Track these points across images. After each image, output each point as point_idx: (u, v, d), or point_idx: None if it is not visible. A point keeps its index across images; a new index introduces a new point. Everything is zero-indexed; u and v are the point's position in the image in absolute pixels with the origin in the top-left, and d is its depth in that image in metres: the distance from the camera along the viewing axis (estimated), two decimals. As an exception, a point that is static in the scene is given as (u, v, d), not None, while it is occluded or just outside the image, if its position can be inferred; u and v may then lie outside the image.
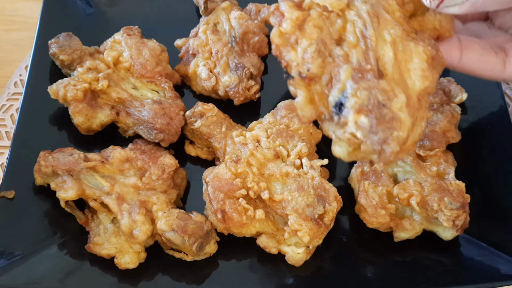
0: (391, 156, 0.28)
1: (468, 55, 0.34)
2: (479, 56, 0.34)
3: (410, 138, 0.29)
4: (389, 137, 0.27)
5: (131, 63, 0.53)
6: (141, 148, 0.50)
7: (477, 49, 0.35)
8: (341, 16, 0.30)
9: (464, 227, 0.45)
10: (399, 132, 0.27)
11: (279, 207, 0.45)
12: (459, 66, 0.35)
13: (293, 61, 0.29)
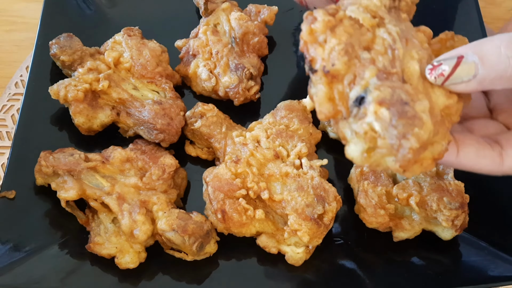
0: (409, 153, 0.26)
1: (465, 150, 0.33)
2: (475, 151, 0.33)
3: (429, 151, 0.28)
4: (410, 132, 0.26)
5: (132, 63, 0.53)
6: (142, 148, 0.50)
7: (472, 143, 0.33)
8: (371, 31, 0.30)
9: (463, 227, 0.45)
10: (420, 130, 0.26)
11: (279, 207, 0.45)
12: (457, 162, 0.33)
13: (319, 55, 0.29)
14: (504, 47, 0.28)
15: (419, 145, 0.27)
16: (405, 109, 0.26)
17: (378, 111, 0.27)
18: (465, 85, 0.29)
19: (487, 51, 0.29)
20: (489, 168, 0.33)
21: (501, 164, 0.33)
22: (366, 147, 0.28)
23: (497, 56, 0.28)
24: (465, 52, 0.29)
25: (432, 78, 0.30)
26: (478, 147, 0.33)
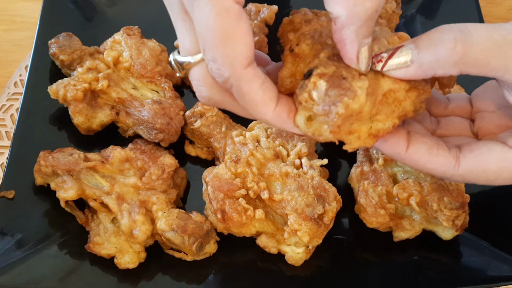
0: (335, 118, 0.29)
1: (417, 145, 0.33)
2: (428, 149, 0.33)
3: (366, 125, 0.31)
4: (340, 99, 0.29)
5: (131, 63, 0.53)
6: (141, 148, 0.50)
7: (426, 142, 0.33)
8: None
9: (463, 227, 0.45)
10: (350, 99, 0.29)
11: (279, 207, 0.45)
12: (407, 156, 0.33)
13: (290, 39, 0.33)
14: (439, 32, 0.29)
15: (347, 113, 0.29)
16: (341, 82, 0.29)
17: (317, 81, 0.29)
18: (404, 71, 0.30)
19: (424, 38, 0.30)
20: (442, 168, 0.33)
21: (456, 166, 0.33)
22: (307, 115, 0.31)
23: (430, 39, 0.29)
24: (405, 42, 0.30)
25: (371, 66, 0.31)
26: (431, 146, 0.33)
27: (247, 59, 0.29)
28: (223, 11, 0.28)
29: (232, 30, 0.28)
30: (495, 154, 0.32)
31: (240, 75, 0.30)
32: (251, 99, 0.31)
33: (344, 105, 0.29)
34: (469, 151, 0.32)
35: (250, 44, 0.29)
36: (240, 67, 0.30)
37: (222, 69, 0.29)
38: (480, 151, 0.32)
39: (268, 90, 0.31)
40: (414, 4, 0.66)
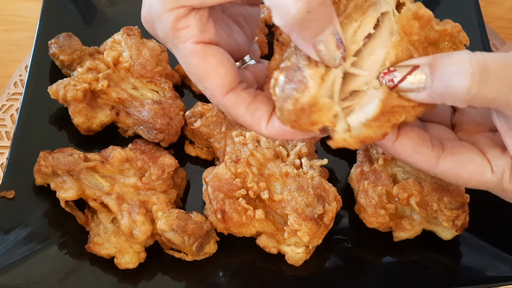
0: (287, 115, 0.29)
1: (403, 140, 0.33)
2: (413, 145, 0.33)
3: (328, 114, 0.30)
4: (289, 96, 0.29)
5: (131, 63, 0.53)
6: (141, 148, 0.50)
7: (413, 137, 0.33)
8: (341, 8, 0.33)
9: (463, 227, 0.45)
10: (299, 94, 0.29)
11: (279, 207, 0.45)
12: (392, 149, 0.34)
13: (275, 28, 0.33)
14: (456, 64, 0.29)
15: (297, 107, 0.29)
16: (295, 74, 0.29)
17: (278, 77, 0.30)
18: (414, 95, 0.30)
19: (440, 65, 0.29)
20: (421, 164, 0.34)
21: (435, 165, 0.33)
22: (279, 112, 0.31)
23: (446, 71, 0.29)
24: (421, 62, 0.30)
25: (383, 81, 0.30)
26: (417, 143, 0.33)
27: (224, 88, 0.33)
28: (187, 53, 0.33)
29: (201, 68, 0.33)
30: (473, 165, 0.33)
31: (223, 103, 0.33)
32: (242, 121, 0.34)
33: (292, 101, 0.29)
34: (451, 154, 0.33)
35: (224, 74, 0.33)
36: (220, 96, 0.33)
37: (210, 99, 0.34)
38: (461, 158, 0.33)
39: (256, 110, 0.33)
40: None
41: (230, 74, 0.33)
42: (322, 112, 0.30)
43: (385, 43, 0.31)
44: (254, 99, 0.33)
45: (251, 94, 0.34)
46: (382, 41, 0.31)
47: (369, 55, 0.31)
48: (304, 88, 0.29)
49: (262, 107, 0.33)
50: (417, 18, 0.31)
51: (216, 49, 0.33)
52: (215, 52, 0.33)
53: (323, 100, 0.29)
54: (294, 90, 0.29)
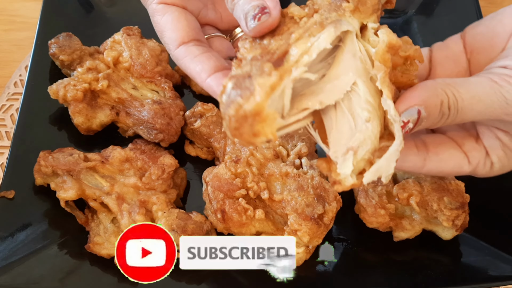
0: (228, 121, 0.29)
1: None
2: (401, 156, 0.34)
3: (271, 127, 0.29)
4: (232, 101, 0.28)
5: (131, 63, 0.53)
6: (141, 148, 0.50)
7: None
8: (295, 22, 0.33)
9: (463, 227, 0.45)
10: (243, 101, 0.28)
11: (279, 207, 0.45)
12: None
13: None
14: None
15: (240, 114, 0.28)
16: (244, 81, 0.28)
17: (226, 83, 0.30)
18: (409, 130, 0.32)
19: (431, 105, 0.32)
20: (411, 169, 0.36)
21: (421, 168, 0.36)
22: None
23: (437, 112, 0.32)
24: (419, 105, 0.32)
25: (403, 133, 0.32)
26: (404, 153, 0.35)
27: (176, 41, 0.38)
28: (152, 12, 0.40)
29: (159, 23, 0.39)
30: (454, 161, 0.36)
31: (174, 55, 0.39)
32: (188, 72, 0.38)
33: (235, 107, 0.28)
34: (435, 154, 0.36)
35: (177, 28, 0.38)
36: (172, 49, 0.39)
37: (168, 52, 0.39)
38: (444, 157, 0.36)
39: (201, 63, 0.37)
40: (414, 4, 0.66)
41: (183, 30, 0.38)
42: (266, 123, 0.28)
43: (349, 67, 0.31)
44: (201, 54, 0.37)
45: (200, 49, 0.38)
46: (346, 65, 0.31)
47: (334, 79, 0.31)
48: (250, 95, 0.28)
49: (206, 61, 0.37)
50: (390, 50, 0.31)
51: (175, 9, 0.39)
52: (173, 11, 0.39)
53: (268, 110, 0.28)
54: (239, 96, 0.28)
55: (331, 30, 0.30)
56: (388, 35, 0.31)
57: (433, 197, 0.44)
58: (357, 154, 0.31)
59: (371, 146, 0.31)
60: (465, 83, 0.32)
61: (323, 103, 0.31)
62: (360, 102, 0.31)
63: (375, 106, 0.31)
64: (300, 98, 0.31)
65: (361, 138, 0.31)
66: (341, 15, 0.31)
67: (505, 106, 0.32)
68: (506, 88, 0.31)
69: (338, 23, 0.31)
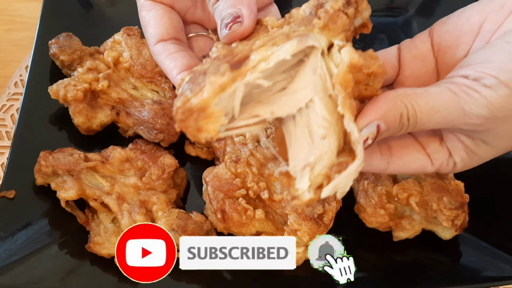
0: (175, 112, 0.30)
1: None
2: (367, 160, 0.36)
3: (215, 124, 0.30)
4: (182, 93, 0.29)
5: (131, 63, 0.53)
6: (141, 148, 0.50)
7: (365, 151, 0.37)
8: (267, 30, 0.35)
9: (463, 227, 0.45)
10: (192, 95, 0.29)
11: (279, 206, 0.45)
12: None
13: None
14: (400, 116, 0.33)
15: (186, 107, 0.29)
16: (198, 77, 0.29)
17: (184, 77, 0.31)
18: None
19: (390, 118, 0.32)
20: (375, 172, 0.38)
21: (385, 170, 0.37)
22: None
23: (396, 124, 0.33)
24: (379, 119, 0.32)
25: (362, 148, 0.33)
26: (367, 157, 0.36)
27: (156, 37, 0.40)
28: (139, 7, 0.43)
29: (144, 18, 0.42)
30: (417, 164, 0.37)
31: (152, 50, 0.41)
32: (162, 68, 0.40)
33: (183, 99, 0.29)
34: (398, 158, 0.37)
35: (158, 25, 0.40)
36: (152, 44, 0.41)
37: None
38: (407, 160, 0.36)
39: (174, 60, 0.39)
40: (414, 4, 0.66)
41: (164, 28, 0.40)
42: (210, 120, 0.29)
43: (308, 83, 0.31)
44: (176, 52, 0.39)
45: (176, 48, 0.40)
46: (306, 81, 0.31)
47: (291, 93, 0.31)
48: (199, 91, 0.29)
49: (180, 59, 0.39)
50: (352, 69, 0.32)
51: (161, 7, 0.41)
52: (159, 8, 0.41)
53: (213, 108, 0.29)
54: (189, 89, 0.29)
55: (294, 43, 0.31)
56: (350, 54, 0.31)
57: (433, 197, 0.44)
58: (314, 170, 0.31)
59: (328, 161, 0.31)
60: (424, 94, 0.33)
61: (274, 114, 0.31)
62: (317, 119, 0.31)
63: (333, 122, 0.32)
64: (255, 104, 0.31)
65: (317, 154, 0.31)
66: (309, 30, 0.32)
67: (463, 117, 0.32)
68: (465, 100, 0.32)
69: (304, 37, 0.31)
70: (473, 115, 0.32)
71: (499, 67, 0.31)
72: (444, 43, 0.38)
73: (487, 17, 0.35)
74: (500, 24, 0.35)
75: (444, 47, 0.38)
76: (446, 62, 0.38)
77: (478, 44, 0.36)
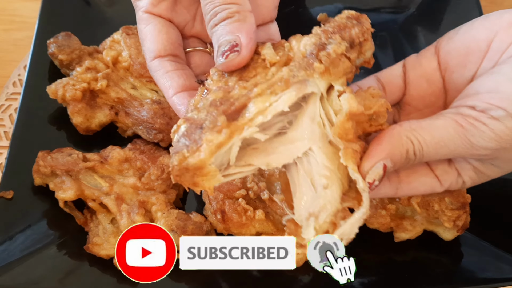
0: (172, 168, 0.29)
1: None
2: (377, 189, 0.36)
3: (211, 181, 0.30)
4: (178, 151, 0.29)
5: (130, 62, 0.53)
6: (140, 148, 0.50)
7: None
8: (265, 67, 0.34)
9: (464, 227, 0.45)
10: (188, 154, 0.29)
11: (279, 207, 0.45)
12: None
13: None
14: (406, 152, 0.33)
15: (182, 166, 0.29)
16: (195, 132, 0.29)
17: (181, 125, 0.30)
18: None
19: (396, 155, 0.32)
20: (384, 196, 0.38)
21: (394, 195, 0.37)
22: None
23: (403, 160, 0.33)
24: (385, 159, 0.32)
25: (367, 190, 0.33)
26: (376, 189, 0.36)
27: (153, 53, 0.39)
28: (138, 20, 0.41)
29: (142, 32, 0.40)
30: (425, 187, 0.36)
31: (149, 66, 0.40)
32: (158, 85, 0.39)
33: (179, 157, 0.29)
34: (407, 184, 0.36)
35: (156, 41, 0.39)
36: (149, 59, 0.40)
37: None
38: (415, 185, 0.36)
39: (170, 79, 0.38)
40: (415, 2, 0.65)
41: (161, 43, 0.39)
42: (206, 178, 0.29)
43: (306, 132, 0.31)
44: (173, 70, 0.38)
45: (173, 66, 0.39)
46: (304, 130, 0.31)
47: (289, 142, 0.31)
48: (196, 150, 0.29)
49: (176, 78, 0.38)
50: (351, 117, 0.31)
51: (159, 21, 0.40)
52: (157, 23, 0.40)
53: (209, 168, 0.29)
54: (185, 147, 0.29)
55: (292, 94, 0.30)
56: (349, 102, 0.31)
57: (434, 198, 0.44)
58: (318, 219, 0.31)
59: (332, 209, 0.31)
60: (430, 128, 0.32)
61: (270, 165, 0.31)
62: (318, 168, 0.31)
63: (334, 169, 0.32)
64: (251, 151, 0.31)
65: (321, 203, 0.31)
66: (309, 75, 0.31)
67: (470, 149, 0.32)
68: (471, 132, 0.31)
69: (303, 84, 0.31)
70: (480, 147, 0.32)
71: (508, 98, 0.31)
72: (452, 61, 0.37)
73: (495, 35, 0.35)
74: (509, 44, 0.34)
75: (451, 66, 0.37)
76: (454, 82, 0.37)
77: (487, 64, 0.35)
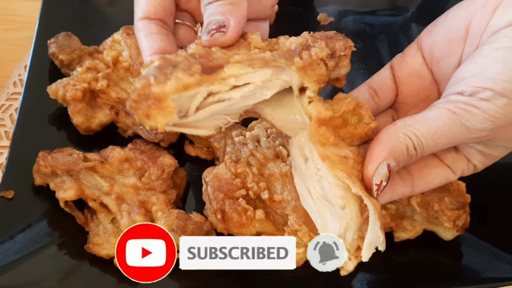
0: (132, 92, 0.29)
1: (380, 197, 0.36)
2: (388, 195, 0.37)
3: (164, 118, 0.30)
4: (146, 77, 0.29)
5: (131, 62, 0.53)
6: (141, 148, 0.50)
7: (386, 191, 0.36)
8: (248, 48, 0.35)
9: (464, 227, 0.45)
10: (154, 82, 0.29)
11: (279, 207, 0.45)
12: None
13: None
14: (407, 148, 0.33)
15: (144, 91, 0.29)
16: (168, 67, 0.30)
17: (154, 61, 0.31)
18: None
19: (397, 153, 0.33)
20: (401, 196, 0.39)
21: (411, 193, 0.38)
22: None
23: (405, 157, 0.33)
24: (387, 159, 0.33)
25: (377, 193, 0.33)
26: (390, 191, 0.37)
27: (143, 13, 0.40)
28: None
29: None
30: (440, 178, 0.38)
31: (135, 24, 0.41)
32: (139, 45, 0.40)
33: (143, 82, 0.29)
34: (421, 179, 0.38)
35: (148, 2, 0.40)
36: (136, 18, 0.41)
37: None
38: (429, 179, 0.37)
39: (151, 41, 0.39)
40: (414, 3, 0.65)
41: (153, 6, 0.40)
42: (162, 112, 0.29)
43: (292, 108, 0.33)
44: (157, 33, 0.39)
45: (159, 29, 0.39)
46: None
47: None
48: (162, 81, 0.29)
49: (158, 41, 0.39)
50: (321, 123, 0.32)
51: None
52: None
53: (169, 102, 0.29)
54: (153, 76, 0.29)
55: (268, 72, 0.31)
56: (316, 108, 0.32)
57: (434, 198, 0.44)
58: (346, 239, 0.32)
59: (355, 225, 0.32)
60: (425, 120, 0.33)
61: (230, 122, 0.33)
62: (332, 191, 0.32)
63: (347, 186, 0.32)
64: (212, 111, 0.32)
65: (344, 224, 0.32)
66: (288, 65, 0.32)
67: (467, 133, 0.33)
68: (465, 117, 0.32)
69: (280, 69, 0.32)
70: (477, 130, 0.32)
71: (492, 78, 0.31)
72: (436, 53, 0.38)
73: (471, 19, 0.35)
74: (486, 25, 0.34)
75: (436, 58, 0.38)
76: (442, 72, 0.38)
77: (469, 49, 0.36)
